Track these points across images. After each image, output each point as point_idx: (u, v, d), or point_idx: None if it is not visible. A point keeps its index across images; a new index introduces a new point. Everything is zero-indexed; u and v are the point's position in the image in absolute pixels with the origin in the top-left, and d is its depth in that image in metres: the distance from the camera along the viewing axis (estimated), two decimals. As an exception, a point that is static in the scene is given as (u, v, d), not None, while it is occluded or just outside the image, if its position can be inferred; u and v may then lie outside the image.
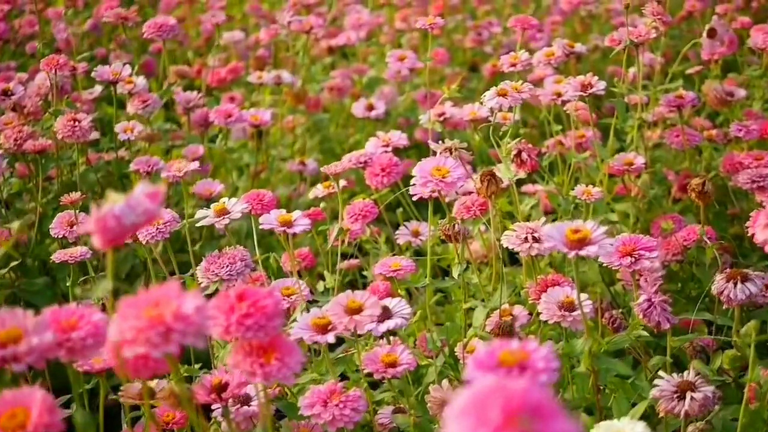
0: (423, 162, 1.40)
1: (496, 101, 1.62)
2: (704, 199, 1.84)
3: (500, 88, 1.64)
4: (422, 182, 1.37)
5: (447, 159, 1.41)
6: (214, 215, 1.49)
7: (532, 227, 1.53)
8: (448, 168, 1.38)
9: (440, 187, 1.37)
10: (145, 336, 0.84)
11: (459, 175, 1.39)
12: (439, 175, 1.38)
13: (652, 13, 2.11)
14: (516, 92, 1.68)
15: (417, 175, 1.38)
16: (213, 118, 2.26)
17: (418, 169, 1.39)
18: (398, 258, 1.66)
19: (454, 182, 1.37)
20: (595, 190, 1.86)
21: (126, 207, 0.87)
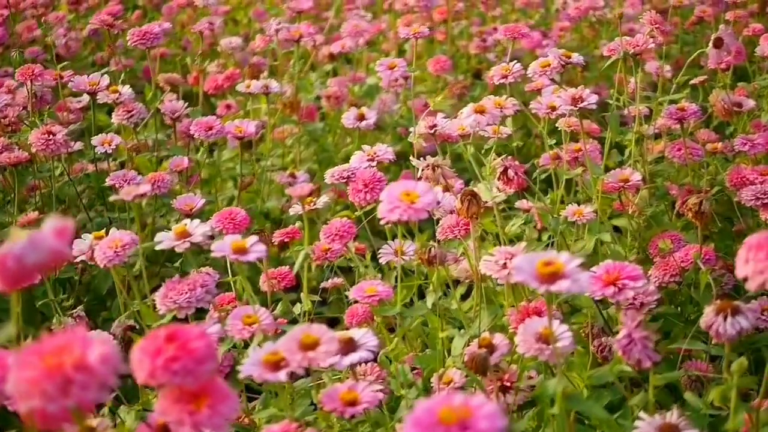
0: (392, 185, 1.31)
1: (473, 119, 1.53)
2: (701, 219, 1.74)
3: (479, 104, 1.55)
4: (389, 207, 1.29)
5: (418, 183, 1.32)
6: (174, 238, 1.41)
7: (511, 252, 1.44)
8: (418, 193, 1.29)
9: (408, 213, 1.28)
10: (41, 388, 0.76)
11: (429, 200, 1.29)
12: (407, 200, 1.29)
13: (649, 22, 2.02)
14: (498, 108, 1.59)
15: (384, 200, 1.30)
16: (193, 131, 2.18)
17: (386, 193, 1.30)
18: (374, 282, 1.57)
19: (423, 208, 1.28)
20: (586, 211, 1.77)
21: (28, 245, 0.79)
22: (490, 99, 1.62)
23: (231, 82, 2.99)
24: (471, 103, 1.60)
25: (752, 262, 1.06)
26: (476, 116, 1.54)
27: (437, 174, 1.68)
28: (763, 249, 1.06)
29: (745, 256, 1.08)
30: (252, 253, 1.30)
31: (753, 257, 1.06)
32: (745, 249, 1.08)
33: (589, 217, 1.77)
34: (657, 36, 2.04)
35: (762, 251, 1.06)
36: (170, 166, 2.28)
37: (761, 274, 1.05)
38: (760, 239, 1.07)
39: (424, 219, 1.32)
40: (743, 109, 2.42)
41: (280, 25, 2.54)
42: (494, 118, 1.55)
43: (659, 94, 2.49)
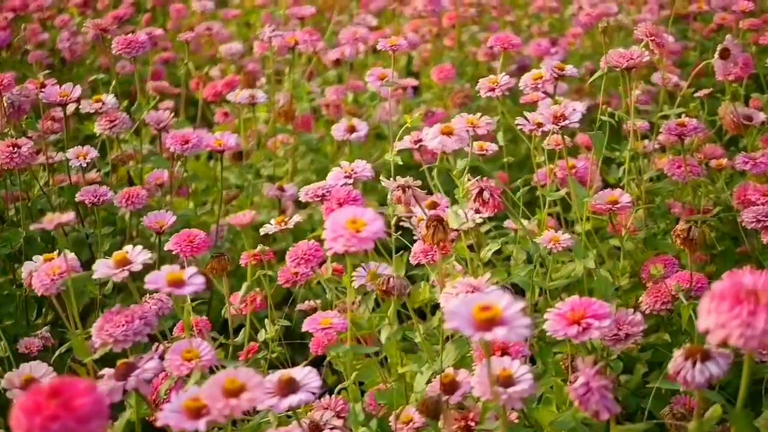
0: (337, 212, 1.22)
1: (438, 141, 1.43)
2: (691, 247, 1.64)
3: (446, 125, 1.45)
4: (332, 236, 1.19)
5: (366, 210, 1.23)
6: (113, 266, 1.32)
7: (474, 284, 1.34)
8: (365, 220, 1.20)
9: (352, 243, 1.19)
10: None
11: (376, 229, 1.20)
12: (353, 228, 1.20)
13: (644, 34, 1.91)
14: (469, 128, 1.49)
15: (328, 227, 1.21)
16: (168, 144, 2.10)
17: (331, 220, 1.21)
18: (329, 313, 1.48)
19: (369, 238, 1.19)
20: (564, 237, 1.67)
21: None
22: (462, 117, 1.52)
23: (230, 89, 2.91)
24: (438, 124, 1.50)
25: (714, 314, 0.96)
26: (442, 138, 1.44)
27: (408, 195, 1.59)
28: (727, 299, 0.96)
29: (707, 307, 0.97)
30: (189, 286, 1.21)
31: (715, 308, 0.96)
32: (708, 298, 0.98)
33: (566, 243, 1.66)
34: (653, 49, 1.92)
35: (725, 302, 0.96)
36: (149, 179, 2.20)
37: (722, 329, 0.95)
38: (725, 288, 0.97)
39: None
40: (753, 122, 2.31)
41: (274, 32, 2.45)
42: (462, 141, 1.45)
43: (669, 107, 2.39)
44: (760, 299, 0.94)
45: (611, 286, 1.77)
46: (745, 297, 0.95)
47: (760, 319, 0.93)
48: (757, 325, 0.93)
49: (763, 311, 0.93)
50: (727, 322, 0.94)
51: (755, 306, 0.94)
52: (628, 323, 1.69)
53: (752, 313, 0.94)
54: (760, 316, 0.93)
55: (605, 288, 1.75)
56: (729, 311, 0.95)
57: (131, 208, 2.04)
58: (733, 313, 0.94)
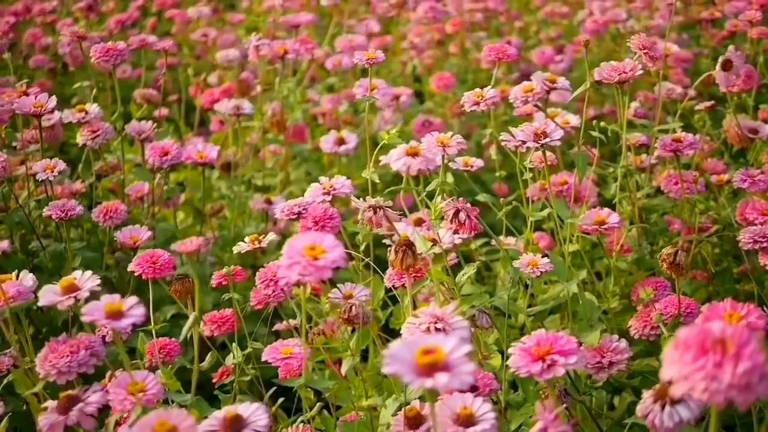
0: (295, 238, 1.15)
1: (403, 162, 1.35)
2: (677, 272, 1.56)
3: (411, 145, 1.38)
4: (288, 263, 1.13)
5: (325, 236, 1.16)
6: (60, 293, 1.26)
7: (438, 314, 1.27)
8: (324, 247, 1.13)
9: (309, 271, 1.12)
10: None
11: (335, 256, 1.13)
12: (310, 255, 1.13)
13: (637, 47, 1.83)
14: (438, 148, 1.42)
15: (284, 254, 1.14)
16: (147, 156, 2.03)
17: (287, 246, 1.14)
18: (290, 342, 1.41)
19: (327, 266, 1.12)
20: (543, 261, 1.59)
21: None
22: (432, 137, 1.45)
23: (227, 97, 2.85)
24: (402, 144, 1.42)
25: (677, 365, 0.88)
26: (407, 159, 1.36)
27: (379, 216, 1.52)
28: (691, 349, 0.88)
29: (671, 356, 0.89)
30: (128, 318, 1.15)
31: (679, 358, 0.88)
32: (673, 346, 0.90)
33: (545, 268, 1.59)
34: (649, 63, 1.84)
35: (689, 352, 0.88)
36: (129, 192, 2.14)
37: (686, 381, 0.87)
38: (690, 336, 0.89)
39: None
40: (759, 135, 2.22)
41: (260, 41, 2.38)
42: (429, 162, 1.37)
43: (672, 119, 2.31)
44: (728, 349, 0.87)
45: (597, 310, 1.69)
46: (712, 347, 0.87)
47: (726, 372, 0.85)
48: (723, 378, 0.85)
49: (730, 363, 0.86)
50: (691, 375, 0.86)
51: (722, 357, 0.86)
52: (612, 350, 1.62)
53: (718, 365, 0.86)
54: (727, 369, 0.85)
55: (590, 312, 1.68)
56: (693, 362, 0.87)
57: (110, 223, 1.98)
58: (697, 364, 0.86)
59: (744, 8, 3.31)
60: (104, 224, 1.98)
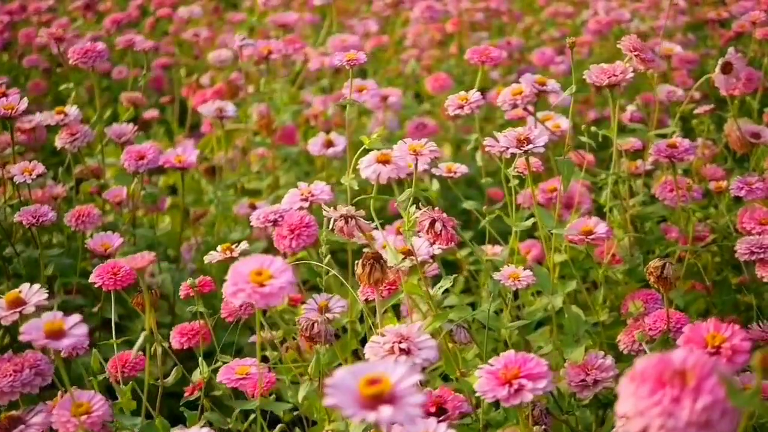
0: (241, 262, 1.08)
1: (372, 170, 1.28)
2: (665, 286, 1.48)
3: (383, 152, 1.30)
4: (233, 290, 1.06)
5: (274, 260, 1.08)
6: (5, 307, 1.19)
7: (403, 333, 1.20)
8: (271, 272, 1.06)
9: (254, 299, 1.05)
10: None
11: (284, 282, 1.06)
12: (256, 281, 1.06)
13: (627, 49, 1.75)
14: (411, 156, 1.34)
15: (229, 278, 1.07)
16: (123, 161, 1.97)
17: (233, 271, 1.07)
18: (247, 361, 1.34)
19: (274, 293, 1.05)
20: (524, 274, 1.52)
21: None
22: (404, 144, 1.37)
23: (218, 98, 2.78)
24: (373, 151, 1.35)
25: (632, 399, 0.80)
26: (377, 167, 1.28)
27: (351, 226, 1.44)
28: (648, 381, 0.80)
29: (626, 389, 0.82)
30: (69, 337, 1.08)
31: (634, 392, 0.81)
32: (628, 379, 0.82)
33: (527, 281, 1.51)
34: (640, 66, 1.76)
35: (645, 384, 0.80)
36: (107, 196, 2.07)
37: (641, 416, 0.79)
38: (647, 367, 0.82)
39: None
40: (761, 140, 2.13)
41: (243, 41, 2.31)
42: (400, 170, 1.30)
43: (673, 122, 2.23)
44: (688, 382, 0.79)
45: (583, 325, 1.61)
46: (670, 379, 0.80)
47: (684, 408, 0.77)
48: (681, 415, 0.77)
49: (688, 398, 0.78)
50: (647, 410, 0.79)
51: (681, 391, 0.79)
52: (597, 368, 1.54)
53: (676, 399, 0.78)
54: (685, 404, 0.78)
55: (576, 326, 1.61)
56: (649, 396, 0.79)
57: (82, 228, 1.92)
58: (653, 398, 0.79)
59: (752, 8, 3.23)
60: (77, 229, 1.92)
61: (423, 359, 1.17)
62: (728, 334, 1.12)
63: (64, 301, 1.97)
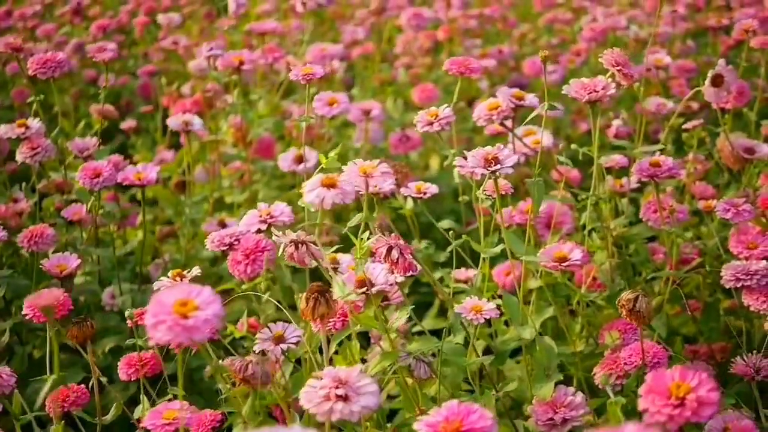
0: (165, 291, 0.99)
1: (316, 194, 1.17)
2: (638, 320, 1.38)
3: (327, 175, 1.20)
4: (154, 322, 0.96)
5: (202, 290, 0.99)
6: None
7: (342, 377, 1.10)
8: (197, 303, 0.97)
9: (176, 333, 0.95)
10: None
11: (210, 314, 0.97)
12: (179, 313, 0.96)
13: (609, 63, 1.64)
14: (361, 177, 1.24)
15: (150, 310, 0.97)
16: (78, 178, 1.87)
17: (155, 301, 0.98)
18: (175, 404, 1.24)
19: (197, 327, 0.95)
20: (488, 306, 1.42)
21: None
22: (355, 165, 1.27)
23: (199, 108, 2.69)
24: (319, 174, 1.25)
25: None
26: (320, 191, 1.18)
27: (302, 253, 1.35)
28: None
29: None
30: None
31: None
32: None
33: (490, 314, 1.41)
34: (621, 80, 1.66)
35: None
36: (65, 215, 1.98)
37: None
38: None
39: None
40: (756, 155, 2.03)
41: (211, 51, 2.21)
42: (346, 196, 1.19)
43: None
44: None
45: (555, 358, 1.51)
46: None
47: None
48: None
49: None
50: None
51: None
52: (567, 405, 1.44)
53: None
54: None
55: (548, 359, 1.50)
56: None
57: (35, 249, 1.83)
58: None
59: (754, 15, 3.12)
60: (30, 250, 1.83)
61: (362, 407, 1.07)
62: (695, 383, 1.02)
63: (17, 323, 1.88)
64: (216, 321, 0.98)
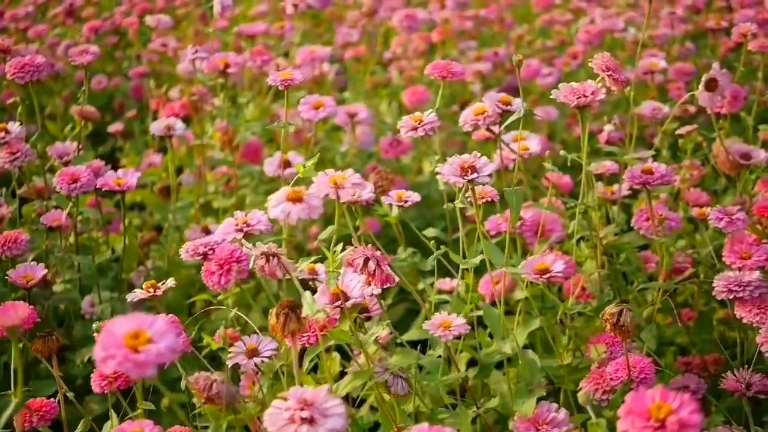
0: (116, 322, 0.94)
1: (281, 209, 1.12)
2: (622, 334, 1.33)
3: (294, 189, 1.15)
4: (102, 356, 0.91)
5: (155, 321, 0.94)
6: None
7: (308, 399, 1.05)
8: (150, 335, 0.92)
9: (126, 368, 0.90)
10: None
11: (162, 348, 0.92)
12: (130, 346, 0.91)
13: (599, 68, 1.59)
14: (334, 188, 1.20)
15: (99, 342, 0.93)
16: (55, 184, 1.83)
17: (105, 332, 0.93)
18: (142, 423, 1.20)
19: (148, 362, 0.91)
20: (457, 322, 1.37)
21: None
22: (325, 176, 1.22)
23: (187, 111, 2.64)
24: (284, 187, 1.20)
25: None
26: (285, 206, 1.13)
27: (273, 265, 1.30)
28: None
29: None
30: None
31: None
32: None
33: (460, 330, 1.36)
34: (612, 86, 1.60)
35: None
36: (44, 221, 1.93)
37: None
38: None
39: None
40: (751, 161, 1.98)
41: (196, 54, 2.17)
42: (312, 211, 1.14)
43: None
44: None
45: (538, 372, 1.46)
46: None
47: None
48: None
49: None
50: None
51: None
52: (549, 422, 1.39)
53: None
54: None
55: (531, 374, 1.45)
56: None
57: (9, 255, 1.78)
58: None
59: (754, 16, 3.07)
60: (3, 256, 1.78)
61: (328, 430, 1.02)
62: (676, 404, 0.97)
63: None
64: (170, 355, 0.93)
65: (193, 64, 2.18)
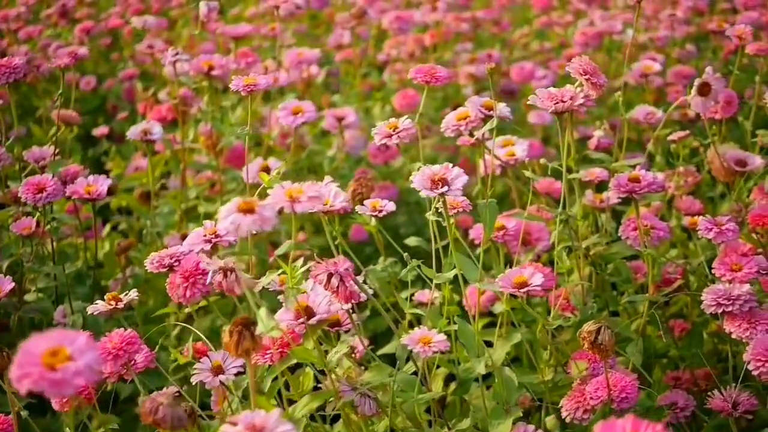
0: (34, 339, 0.88)
1: (231, 221, 1.06)
2: (600, 353, 1.27)
3: (246, 200, 1.08)
4: (18, 375, 0.85)
5: (78, 336, 0.88)
6: None
7: (257, 424, 0.99)
8: (70, 352, 0.86)
9: (41, 387, 0.84)
10: None
11: (81, 366, 0.86)
12: (47, 364, 0.85)
13: (577, 72, 1.53)
14: (289, 201, 1.13)
15: (16, 360, 0.87)
16: (20, 193, 1.77)
17: (22, 350, 0.87)
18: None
19: (65, 381, 0.85)
20: (437, 339, 1.30)
21: None
22: (281, 188, 1.16)
23: (172, 114, 2.58)
24: (236, 197, 1.13)
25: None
26: (236, 217, 1.06)
27: (230, 281, 1.24)
28: None
29: None
30: None
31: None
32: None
33: (439, 347, 1.30)
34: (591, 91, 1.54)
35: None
36: (14, 229, 1.88)
37: None
38: None
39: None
40: (748, 168, 1.91)
41: (176, 56, 2.11)
42: (264, 222, 1.08)
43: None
44: None
45: (515, 391, 1.39)
46: None
47: None
48: None
49: None
50: None
51: None
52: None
53: None
54: None
55: (508, 393, 1.39)
56: None
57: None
58: None
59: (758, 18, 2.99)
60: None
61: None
62: (647, 436, 0.91)
63: None
64: (90, 373, 0.87)
65: (173, 67, 2.12)
